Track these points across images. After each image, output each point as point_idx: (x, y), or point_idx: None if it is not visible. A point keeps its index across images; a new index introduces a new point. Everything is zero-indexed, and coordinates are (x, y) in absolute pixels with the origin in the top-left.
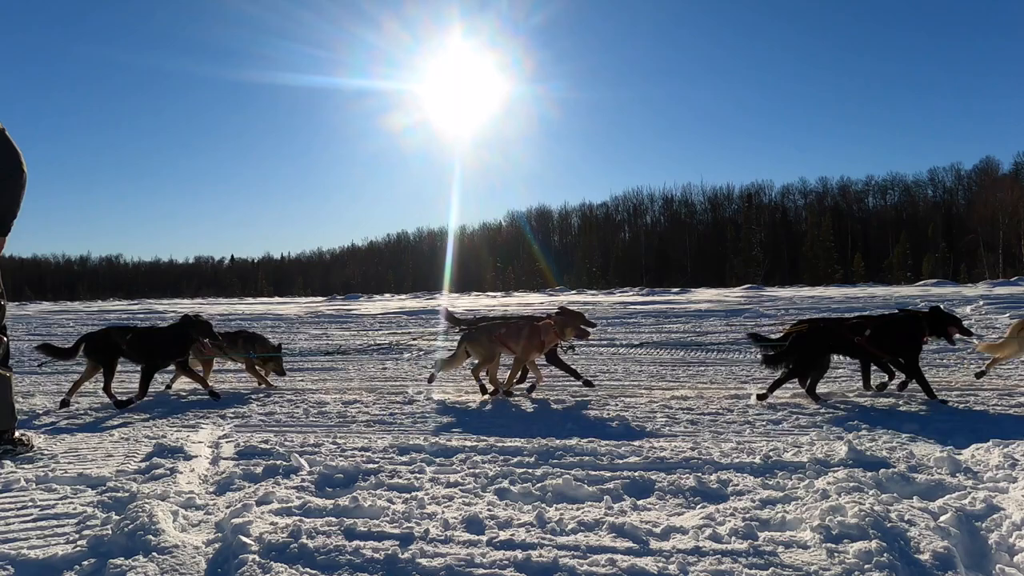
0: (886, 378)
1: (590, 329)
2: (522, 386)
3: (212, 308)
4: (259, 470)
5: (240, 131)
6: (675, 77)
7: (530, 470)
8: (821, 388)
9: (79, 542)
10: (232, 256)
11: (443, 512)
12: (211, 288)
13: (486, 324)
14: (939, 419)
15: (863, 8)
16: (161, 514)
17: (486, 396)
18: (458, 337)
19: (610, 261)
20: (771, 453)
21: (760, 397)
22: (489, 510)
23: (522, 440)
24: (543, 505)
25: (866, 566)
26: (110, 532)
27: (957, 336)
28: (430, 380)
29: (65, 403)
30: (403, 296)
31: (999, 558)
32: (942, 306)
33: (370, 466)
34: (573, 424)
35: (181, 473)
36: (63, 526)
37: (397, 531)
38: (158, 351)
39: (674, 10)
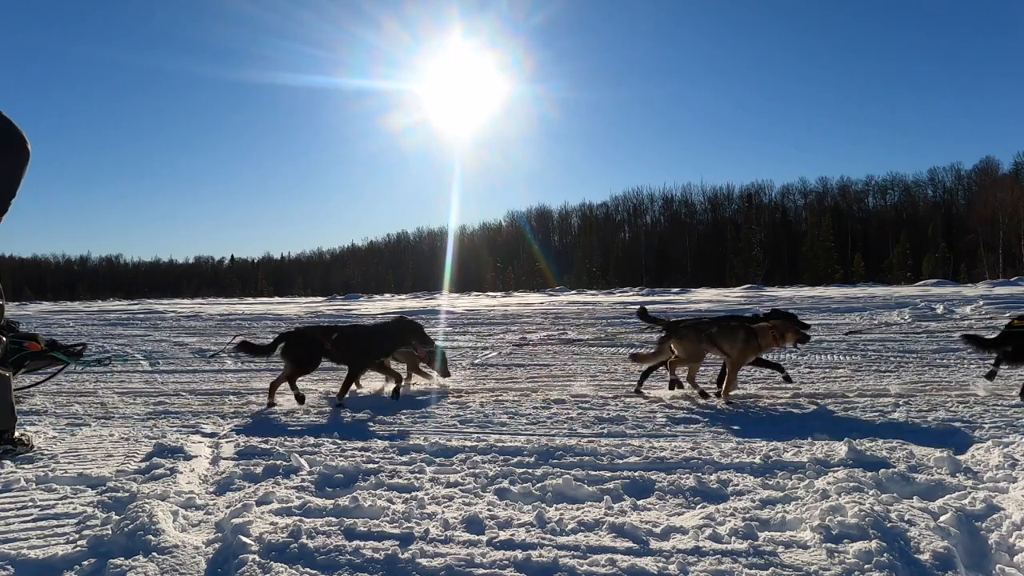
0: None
1: (809, 333)
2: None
3: (212, 308)
4: (259, 470)
5: (240, 131)
6: (675, 77)
7: (530, 470)
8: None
9: (79, 542)
10: (232, 256)
11: (443, 512)
12: (211, 288)
13: (695, 322)
14: (939, 418)
15: (863, 8)
16: (161, 514)
17: (704, 399)
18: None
19: (610, 261)
20: (771, 453)
21: (989, 376)
22: (489, 510)
23: (522, 440)
24: (543, 505)
25: (866, 566)
26: (110, 532)
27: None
28: (671, 386)
29: (271, 403)
30: (403, 296)
31: (999, 558)
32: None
33: (370, 466)
34: (572, 423)
35: (181, 473)
36: (63, 526)
37: (397, 531)
38: (366, 351)
39: (674, 10)
